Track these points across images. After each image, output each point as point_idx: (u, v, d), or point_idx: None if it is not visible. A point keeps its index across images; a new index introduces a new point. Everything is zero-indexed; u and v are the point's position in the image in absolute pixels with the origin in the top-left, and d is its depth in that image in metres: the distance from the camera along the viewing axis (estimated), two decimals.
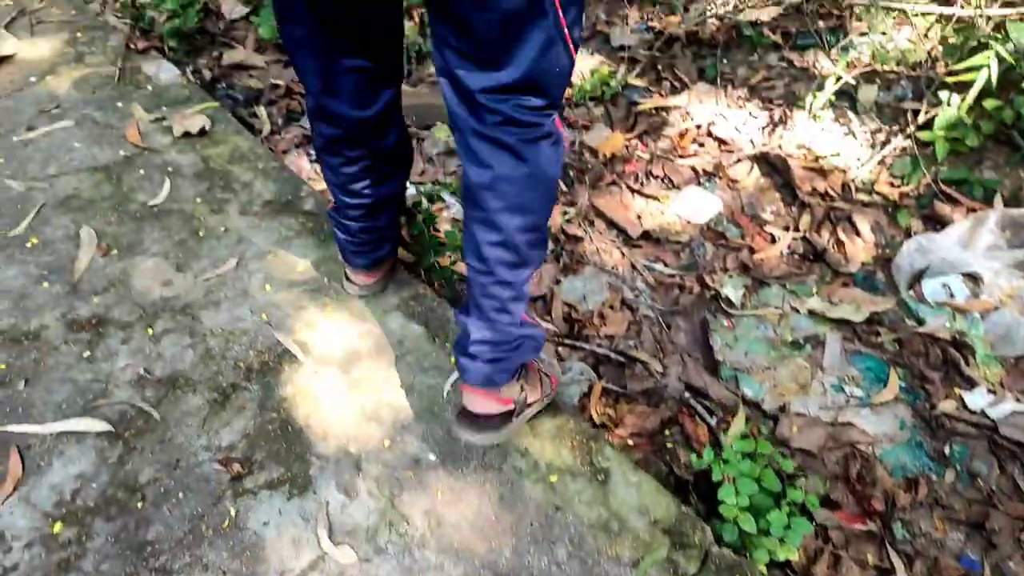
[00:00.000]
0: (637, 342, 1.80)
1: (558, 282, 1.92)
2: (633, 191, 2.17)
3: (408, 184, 2.10)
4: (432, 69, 2.53)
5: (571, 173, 2.20)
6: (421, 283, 1.66)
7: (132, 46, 2.33)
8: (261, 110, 2.28)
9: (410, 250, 1.85)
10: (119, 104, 2.10)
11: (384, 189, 1.40)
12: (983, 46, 2.21)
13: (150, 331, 1.48)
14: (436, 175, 2.13)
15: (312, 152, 2.15)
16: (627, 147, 2.30)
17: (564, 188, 2.14)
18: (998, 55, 1.96)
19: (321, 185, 2.00)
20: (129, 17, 2.45)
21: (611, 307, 1.88)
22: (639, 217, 2.11)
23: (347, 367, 1.45)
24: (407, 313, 1.56)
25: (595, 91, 2.46)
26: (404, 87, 2.43)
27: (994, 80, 1.98)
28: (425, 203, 1.86)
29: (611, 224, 2.10)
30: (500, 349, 1.22)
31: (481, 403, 1.27)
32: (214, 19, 2.63)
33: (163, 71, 2.25)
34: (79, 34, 2.40)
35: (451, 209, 2.03)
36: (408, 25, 2.61)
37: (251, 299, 1.57)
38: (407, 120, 1.46)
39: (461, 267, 1.87)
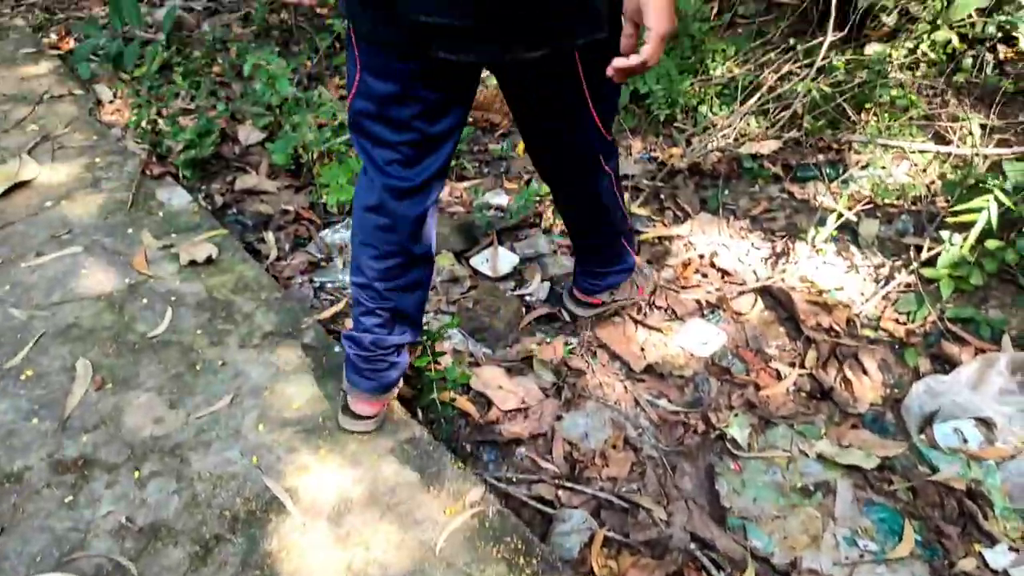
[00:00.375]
0: (641, 485, 1.74)
1: (559, 418, 1.88)
2: (636, 322, 2.16)
3: None
4: (439, 196, 2.59)
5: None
6: (418, 424, 1.62)
7: (148, 172, 2.40)
8: (269, 235, 2.31)
9: (410, 383, 1.82)
10: (129, 230, 2.14)
11: (405, 299, 1.48)
12: (980, 184, 2.25)
13: (136, 474, 1.44)
14: (439, 304, 2.13)
15: (316, 280, 2.17)
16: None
17: (567, 319, 2.13)
18: (996, 198, 1.99)
19: (322, 315, 2.00)
20: (147, 143, 2.54)
21: (614, 446, 1.83)
22: (642, 349, 2.09)
23: (337, 518, 1.39)
24: (402, 458, 1.52)
25: None
26: None
27: (994, 222, 2.00)
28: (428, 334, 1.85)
29: (614, 356, 2.08)
30: None
31: None
32: (230, 144, 2.73)
33: (175, 197, 2.31)
34: (98, 159, 2.48)
35: (452, 340, 2.02)
36: None
37: (243, 439, 1.53)
38: None
39: (462, 403, 1.84)
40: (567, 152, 1.60)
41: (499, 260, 2.29)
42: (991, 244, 2.06)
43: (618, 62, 1.11)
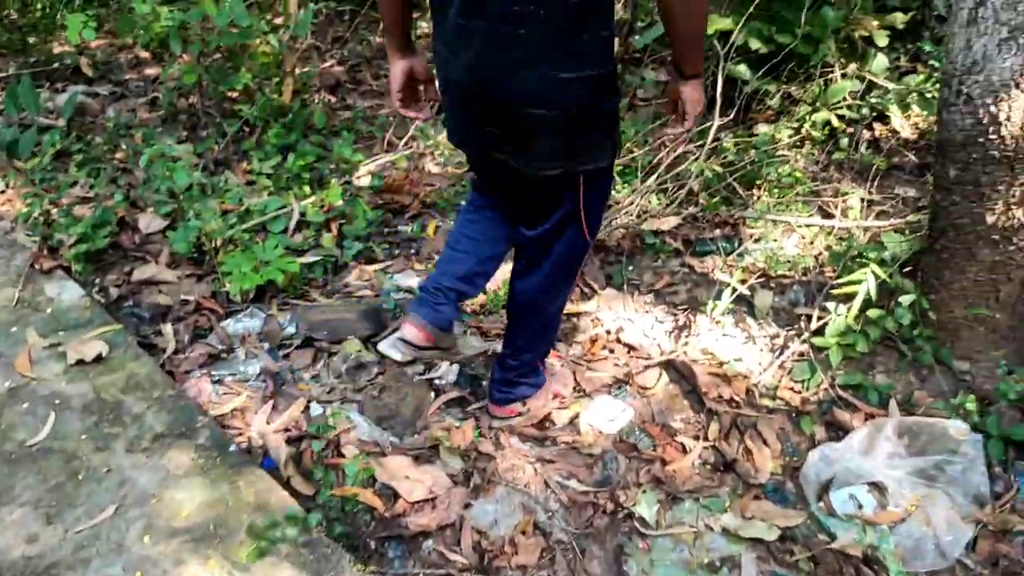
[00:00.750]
0: (551, 572, 1.72)
1: (468, 506, 1.85)
2: None
3: (315, 403, 2.07)
4: (348, 280, 2.58)
5: (484, 384, 2.20)
6: (316, 525, 1.57)
7: (38, 266, 2.31)
8: (167, 328, 2.24)
9: (310, 480, 1.77)
10: (14, 329, 2.04)
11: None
12: (862, 256, 2.41)
13: None
14: (345, 393, 2.10)
15: (216, 373, 2.10)
16: None
17: (471, 401, 2.13)
18: (873, 271, 2.12)
19: (220, 410, 1.93)
20: (39, 235, 2.45)
21: (523, 532, 1.80)
22: (552, 429, 2.10)
23: None
24: (298, 563, 1.46)
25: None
26: (318, 298, 2.47)
27: (873, 293, 2.13)
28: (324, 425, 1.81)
29: (524, 437, 2.08)
30: None
31: None
32: (130, 233, 2.66)
33: (66, 292, 2.22)
34: None
35: (358, 429, 1.98)
36: (326, 235, 2.68)
37: (126, 554, 1.44)
38: (318, 335, 1.54)
39: (367, 497, 1.79)
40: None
41: None
42: (873, 313, 2.18)
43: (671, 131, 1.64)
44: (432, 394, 2.16)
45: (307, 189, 2.84)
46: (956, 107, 1.89)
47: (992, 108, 1.81)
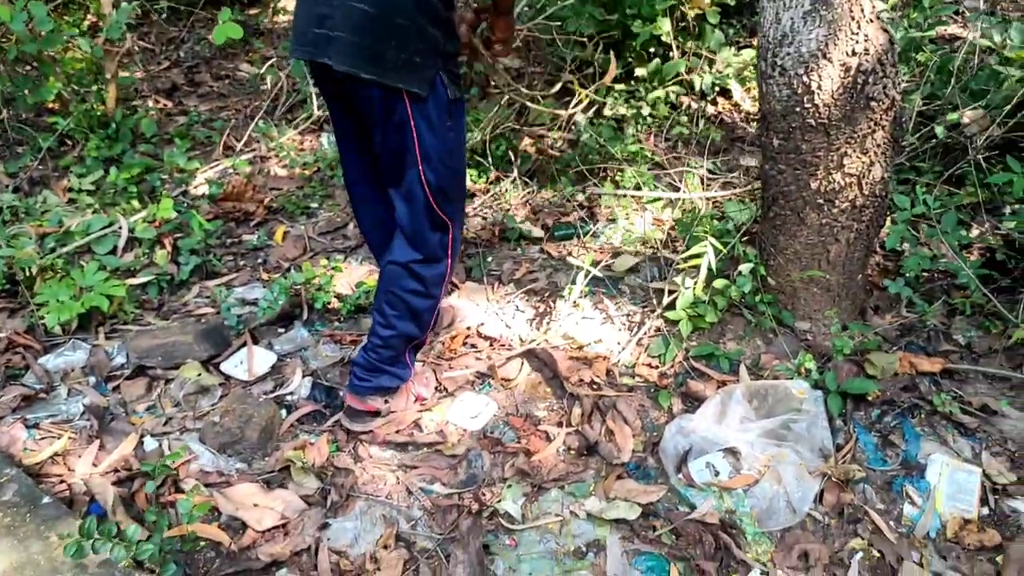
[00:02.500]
0: None
1: (325, 526, 1.75)
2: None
3: (149, 437, 1.90)
4: (186, 299, 2.40)
5: (341, 394, 2.10)
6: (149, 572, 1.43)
7: None
8: None
9: (143, 523, 1.62)
10: None
11: None
12: (704, 232, 2.47)
13: None
14: (184, 422, 1.94)
15: (31, 416, 1.89)
16: None
17: (326, 414, 2.03)
18: (711, 244, 2.17)
19: (35, 458, 1.74)
20: None
21: (385, 546, 1.73)
22: (415, 431, 2.03)
23: None
24: None
25: (364, 301, 2.43)
26: (152, 322, 2.28)
27: (713, 265, 2.18)
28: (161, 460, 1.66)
29: (385, 445, 2.00)
30: None
31: None
32: None
33: None
34: None
35: (200, 460, 1.84)
36: (160, 252, 2.48)
37: None
38: (151, 362, 1.40)
39: (210, 532, 1.66)
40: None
41: (255, 361, 2.15)
42: (718, 283, 2.24)
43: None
44: (283, 412, 2.04)
45: (136, 203, 2.62)
46: (773, 78, 1.95)
47: (804, 78, 1.88)
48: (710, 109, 3.50)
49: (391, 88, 1.55)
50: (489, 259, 2.69)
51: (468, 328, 2.38)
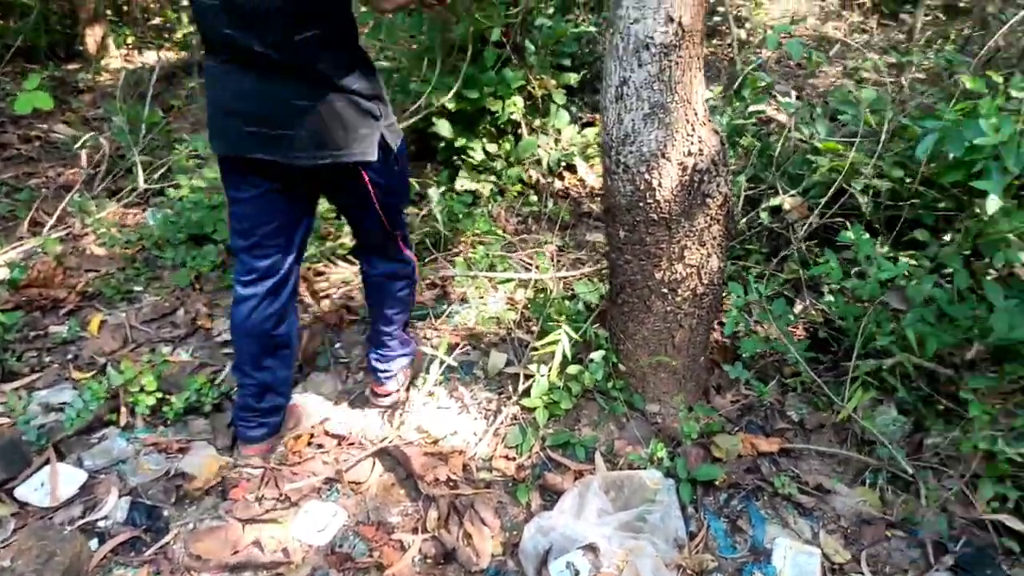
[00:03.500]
0: None
1: None
2: (243, 522, 1.90)
3: None
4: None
5: (165, 514, 1.87)
6: None
7: None
8: None
9: None
10: None
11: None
12: (558, 310, 2.48)
13: None
14: None
15: None
16: (233, 466, 2.04)
17: (148, 540, 1.79)
18: (565, 331, 2.17)
19: None
20: None
21: None
22: (253, 551, 1.83)
23: None
24: None
25: (195, 402, 2.19)
26: None
27: (568, 353, 2.18)
28: None
29: (220, 570, 1.78)
30: None
31: None
32: None
33: None
34: None
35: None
36: None
37: None
38: None
39: None
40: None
41: (59, 482, 1.87)
42: (572, 369, 2.24)
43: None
44: (94, 542, 1.77)
45: None
46: (617, 175, 2.00)
47: (646, 176, 1.94)
48: (557, 184, 3.59)
49: (346, 163, 1.73)
50: (337, 344, 2.55)
51: (313, 427, 2.21)
